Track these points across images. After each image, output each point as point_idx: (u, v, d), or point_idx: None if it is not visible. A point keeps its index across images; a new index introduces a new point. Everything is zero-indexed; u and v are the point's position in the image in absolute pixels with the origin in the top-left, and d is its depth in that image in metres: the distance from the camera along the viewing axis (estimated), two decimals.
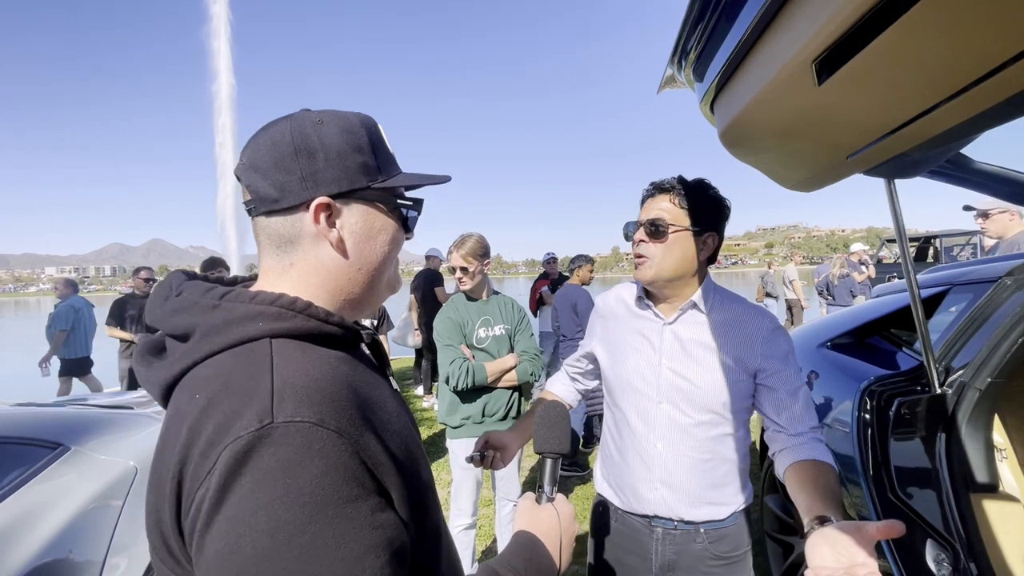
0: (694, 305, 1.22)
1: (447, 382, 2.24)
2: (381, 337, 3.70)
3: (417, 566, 0.57)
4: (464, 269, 2.32)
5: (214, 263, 4.13)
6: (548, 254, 6.10)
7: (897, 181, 1.42)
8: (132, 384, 5.40)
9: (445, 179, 0.72)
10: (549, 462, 0.85)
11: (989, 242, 3.46)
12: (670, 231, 1.18)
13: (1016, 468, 1.49)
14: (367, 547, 0.48)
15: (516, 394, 2.41)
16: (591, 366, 1.45)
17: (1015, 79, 0.61)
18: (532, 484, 1.50)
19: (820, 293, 8.55)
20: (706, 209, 1.19)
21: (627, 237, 1.27)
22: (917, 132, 0.79)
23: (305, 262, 0.63)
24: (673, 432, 1.21)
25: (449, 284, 5.33)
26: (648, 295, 1.28)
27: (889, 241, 10.19)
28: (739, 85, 0.85)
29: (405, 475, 0.56)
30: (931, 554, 1.33)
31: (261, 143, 0.62)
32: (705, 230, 1.20)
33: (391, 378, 0.72)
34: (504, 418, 2.34)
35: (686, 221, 1.18)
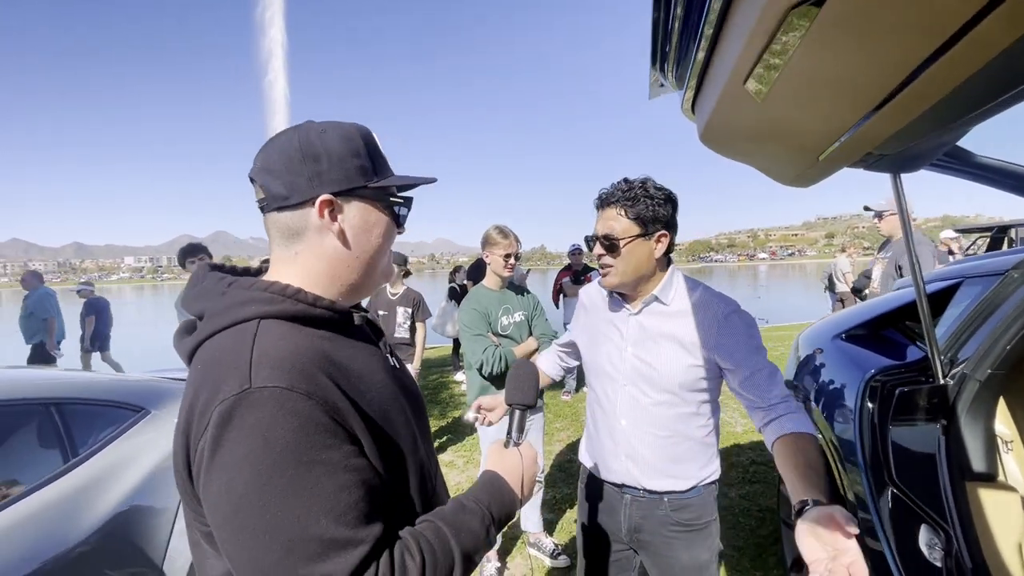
0: (655, 298, 1.32)
1: (480, 369, 2.39)
2: (419, 324, 3.91)
3: (390, 502, 0.67)
4: (517, 256, 2.52)
5: (194, 249, 4.41)
6: (573, 245, 6.08)
7: (903, 175, 1.44)
8: None
9: (431, 180, 0.82)
10: (517, 412, 0.96)
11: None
12: (621, 244, 1.26)
13: (1022, 459, 1.49)
14: (341, 485, 0.58)
15: None
16: (573, 350, 1.64)
17: (934, 85, 0.68)
18: (558, 466, 1.68)
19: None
20: (651, 212, 1.25)
21: (589, 249, 1.36)
22: (870, 136, 0.85)
23: (309, 251, 0.73)
24: (635, 411, 1.33)
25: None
26: None
27: (961, 231, 9.45)
28: (707, 94, 0.93)
29: (377, 429, 0.67)
30: (924, 538, 1.37)
31: (272, 150, 0.72)
32: (654, 232, 1.27)
33: (389, 354, 0.83)
34: None
35: (634, 230, 1.26)
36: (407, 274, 4.17)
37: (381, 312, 3.80)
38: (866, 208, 3.86)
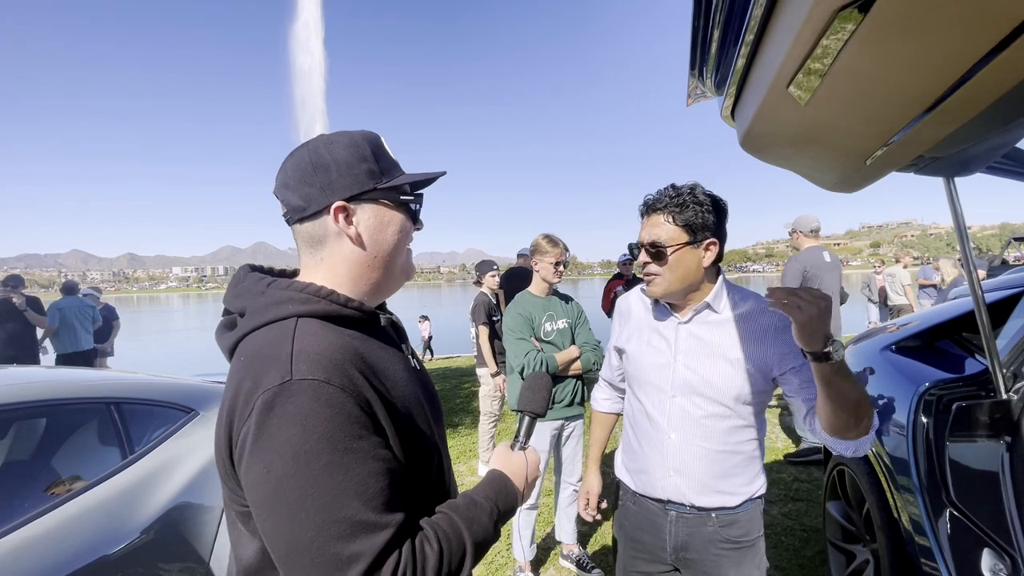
0: (707, 306, 1.28)
1: (521, 372, 2.41)
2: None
3: (410, 491, 0.72)
4: (565, 264, 2.59)
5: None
6: (624, 255, 5.94)
7: (957, 179, 1.38)
8: None
9: (440, 174, 0.85)
10: (527, 419, 0.97)
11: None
12: (669, 252, 1.22)
13: None
14: (370, 472, 0.63)
15: (579, 382, 2.59)
16: (619, 374, 1.56)
17: (991, 85, 0.65)
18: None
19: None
20: (700, 219, 1.21)
21: (633, 256, 1.32)
22: (921, 138, 0.82)
23: (332, 256, 0.78)
24: (686, 424, 1.28)
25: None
26: None
27: (1019, 239, 8.84)
28: (747, 99, 0.93)
29: (401, 423, 0.72)
30: (987, 563, 1.29)
31: (288, 166, 0.77)
32: (703, 239, 1.23)
33: (411, 356, 0.87)
34: (571, 404, 2.53)
35: (683, 237, 1.22)
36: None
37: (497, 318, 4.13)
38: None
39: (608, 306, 5.96)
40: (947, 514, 1.38)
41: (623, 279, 5.86)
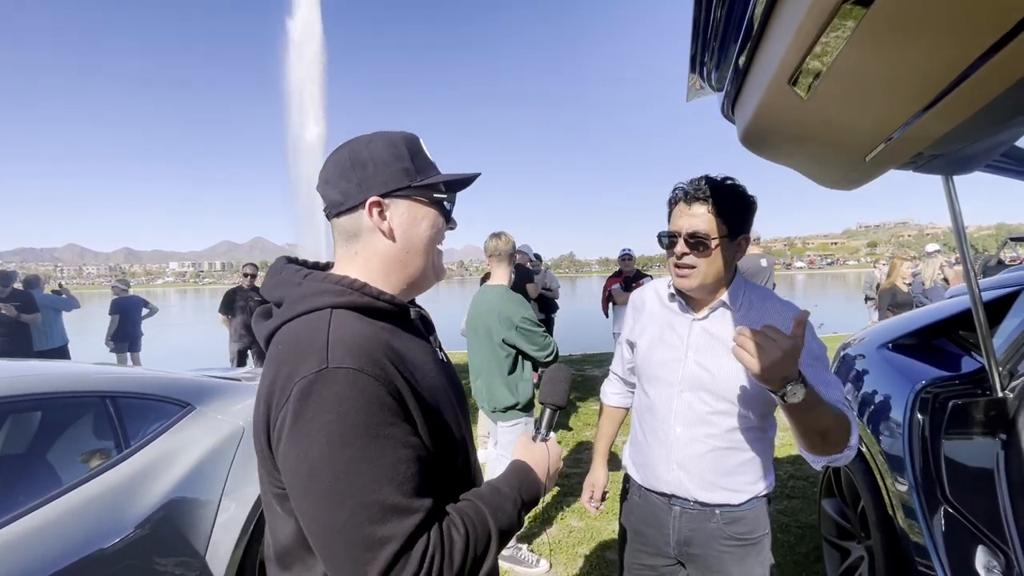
0: (724, 304, 1.27)
1: (554, 357, 2.57)
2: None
3: (436, 479, 0.74)
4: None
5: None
6: (624, 250, 5.77)
7: (955, 177, 1.38)
8: (240, 363, 6.16)
9: (475, 176, 0.88)
10: (548, 411, 0.99)
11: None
12: (712, 244, 1.19)
13: None
14: (400, 458, 0.66)
15: None
16: (630, 368, 1.54)
17: (991, 81, 0.65)
18: (576, 461, 1.66)
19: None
20: (740, 214, 1.21)
21: (663, 246, 1.28)
22: (921, 135, 0.82)
23: (366, 250, 0.82)
24: (691, 419, 1.27)
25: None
26: (680, 292, 1.32)
27: (1015, 239, 8.88)
28: (747, 95, 0.92)
29: (429, 413, 0.74)
30: (982, 560, 1.30)
31: (329, 163, 0.83)
32: (739, 234, 1.23)
33: (438, 348, 0.90)
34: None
35: (724, 230, 1.20)
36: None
37: None
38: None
39: (605, 304, 5.89)
40: (942, 511, 1.39)
41: (621, 276, 5.74)
